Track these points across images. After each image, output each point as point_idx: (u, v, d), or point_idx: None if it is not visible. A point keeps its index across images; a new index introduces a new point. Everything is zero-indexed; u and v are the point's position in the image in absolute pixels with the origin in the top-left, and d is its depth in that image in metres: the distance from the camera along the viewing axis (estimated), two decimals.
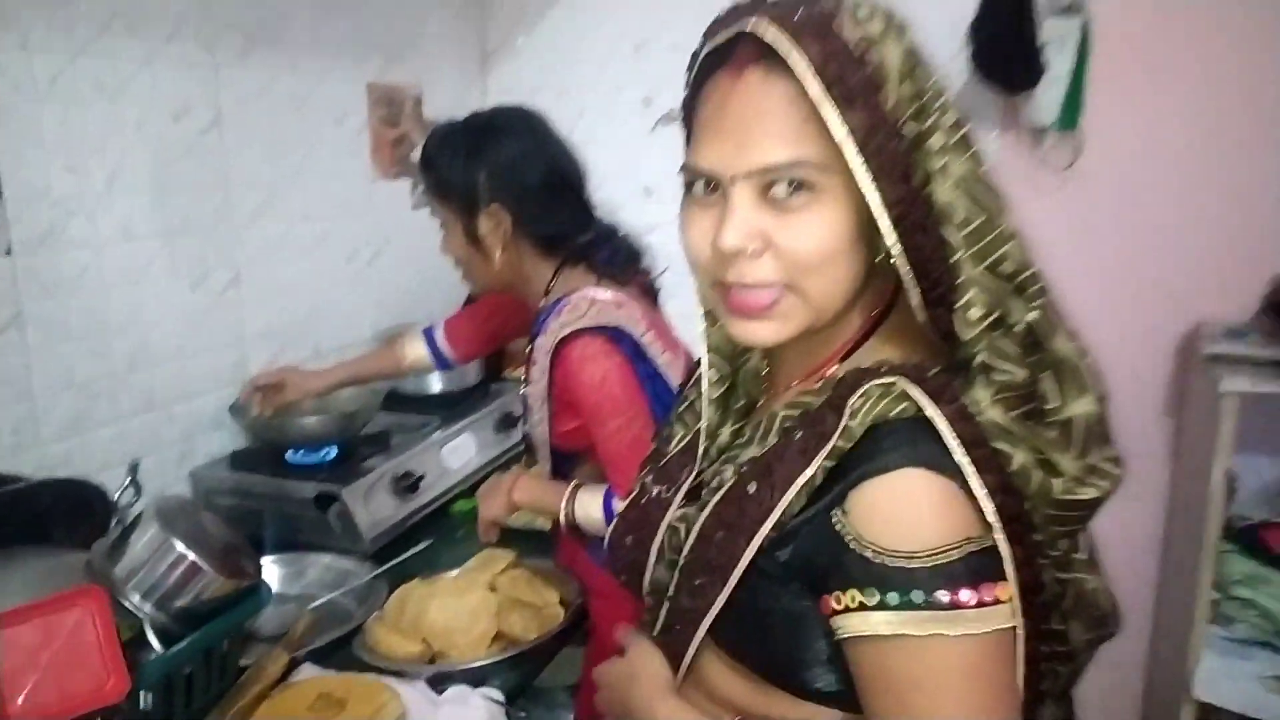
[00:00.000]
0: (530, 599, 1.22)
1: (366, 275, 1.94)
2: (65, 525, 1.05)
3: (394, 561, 1.35)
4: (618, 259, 1.32)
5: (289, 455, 1.55)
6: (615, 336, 1.24)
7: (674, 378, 1.26)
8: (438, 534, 1.51)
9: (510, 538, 1.38)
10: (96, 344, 1.37)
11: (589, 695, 0.88)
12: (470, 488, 1.65)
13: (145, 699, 0.89)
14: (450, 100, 2.16)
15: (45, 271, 1.28)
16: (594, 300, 1.25)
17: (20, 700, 0.79)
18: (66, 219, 1.31)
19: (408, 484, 1.52)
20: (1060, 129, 1.91)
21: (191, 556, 0.94)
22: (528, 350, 1.32)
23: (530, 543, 1.43)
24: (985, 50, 1.84)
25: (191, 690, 0.96)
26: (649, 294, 1.38)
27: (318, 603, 1.22)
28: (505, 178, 1.27)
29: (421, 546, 1.41)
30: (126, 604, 0.92)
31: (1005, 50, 1.83)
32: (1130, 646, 2.10)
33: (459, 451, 1.68)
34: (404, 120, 2.04)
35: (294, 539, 1.43)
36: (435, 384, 1.87)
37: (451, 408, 1.80)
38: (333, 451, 1.56)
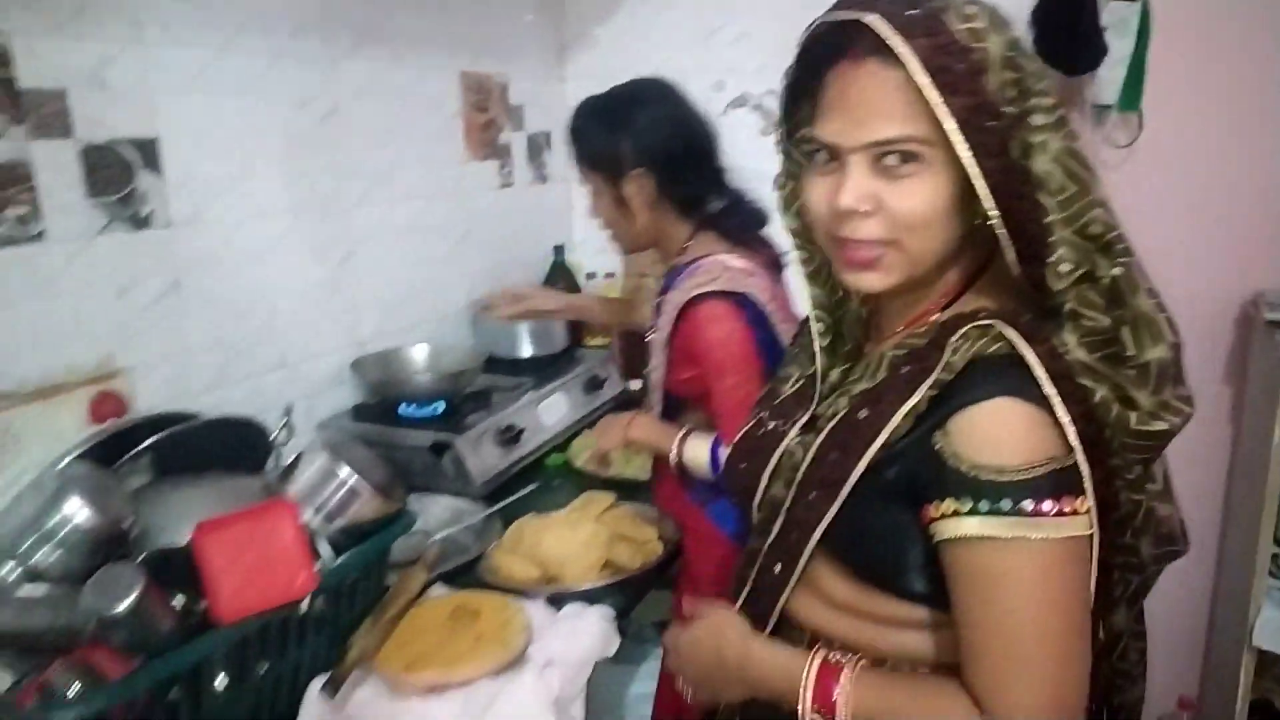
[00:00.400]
0: (633, 534, 1.34)
1: (457, 252, 2.06)
2: (232, 457, 1.19)
3: (507, 501, 1.48)
4: (749, 226, 1.41)
5: (401, 409, 1.68)
6: (741, 302, 1.32)
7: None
8: (536, 483, 1.62)
9: (606, 485, 1.50)
10: (238, 308, 1.52)
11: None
12: (563, 443, 1.78)
13: (317, 602, 1.02)
14: (532, 87, 2.29)
15: (196, 244, 1.43)
16: (727, 267, 1.34)
17: (226, 592, 0.94)
18: (212, 199, 1.45)
19: (510, 436, 1.65)
20: (1122, 109, 1.94)
21: (355, 480, 1.07)
22: (656, 302, 1.42)
23: (625, 490, 1.54)
24: (1049, 34, 1.86)
25: (353, 598, 1.10)
26: (775, 266, 1.47)
27: (443, 534, 1.36)
28: (648, 144, 1.37)
29: (530, 489, 1.53)
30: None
31: (1068, 34, 1.85)
32: (1193, 598, 2.15)
33: (553, 409, 1.80)
34: (492, 106, 2.17)
35: (408, 483, 1.53)
36: (526, 349, 2.00)
37: (542, 370, 1.92)
38: (441, 406, 1.69)
